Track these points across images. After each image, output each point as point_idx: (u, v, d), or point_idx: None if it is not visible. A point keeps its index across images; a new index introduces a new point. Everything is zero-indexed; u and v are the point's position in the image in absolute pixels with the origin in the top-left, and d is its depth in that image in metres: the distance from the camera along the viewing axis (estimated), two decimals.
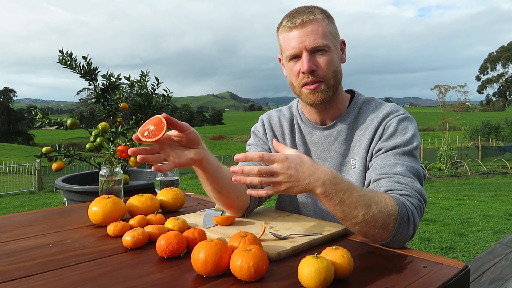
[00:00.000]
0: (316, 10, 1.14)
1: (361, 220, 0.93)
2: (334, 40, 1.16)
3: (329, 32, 1.14)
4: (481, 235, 4.71)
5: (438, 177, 10.89)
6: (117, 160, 1.69)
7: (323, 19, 1.14)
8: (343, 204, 0.91)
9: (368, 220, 0.93)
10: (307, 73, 1.13)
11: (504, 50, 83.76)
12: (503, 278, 2.41)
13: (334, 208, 0.93)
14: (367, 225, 0.93)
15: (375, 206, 0.93)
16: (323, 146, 1.25)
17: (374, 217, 0.93)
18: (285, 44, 1.16)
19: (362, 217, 0.92)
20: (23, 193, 10.86)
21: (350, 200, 0.91)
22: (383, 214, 0.93)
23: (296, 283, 0.76)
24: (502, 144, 23.76)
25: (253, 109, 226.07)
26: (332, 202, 0.92)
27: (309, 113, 1.27)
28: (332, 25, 1.17)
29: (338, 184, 0.91)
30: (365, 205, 0.92)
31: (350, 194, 0.92)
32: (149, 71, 2.28)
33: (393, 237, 0.96)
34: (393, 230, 0.95)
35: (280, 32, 1.18)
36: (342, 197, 0.91)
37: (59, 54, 2.15)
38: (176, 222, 1.08)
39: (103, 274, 0.82)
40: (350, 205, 0.92)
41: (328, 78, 1.15)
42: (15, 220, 1.28)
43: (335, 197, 0.91)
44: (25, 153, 31.62)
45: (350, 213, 0.92)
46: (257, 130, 1.37)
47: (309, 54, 1.12)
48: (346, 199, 0.91)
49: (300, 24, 1.12)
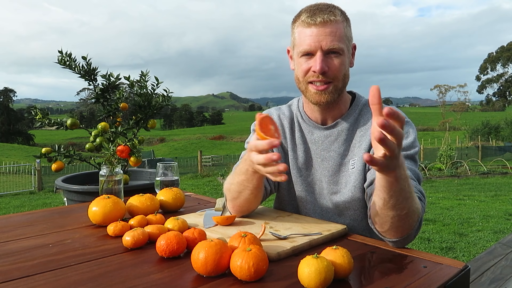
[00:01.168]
0: (337, 11, 1.13)
1: (405, 212, 0.91)
2: (348, 44, 1.16)
3: (345, 36, 1.14)
4: (481, 235, 4.71)
5: (438, 177, 10.89)
6: (117, 160, 1.69)
7: (343, 22, 1.13)
8: (402, 192, 0.87)
9: (407, 214, 0.91)
10: (318, 73, 1.12)
11: (504, 50, 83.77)
12: (503, 278, 2.40)
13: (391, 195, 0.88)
14: (405, 218, 0.92)
15: (417, 202, 0.93)
16: (323, 145, 1.25)
17: (413, 212, 0.92)
18: (300, 39, 1.14)
19: (408, 209, 0.91)
20: (23, 193, 10.86)
21: (408, 190, 0.88)
22: (417, 211, 0.94)
23: (296, 283, 0.76)
24: (502, 144, 23.77)
25: (253, 109, 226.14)
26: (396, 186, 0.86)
27: (311, 112, 1.27)
28: (349, 29, 1.17)
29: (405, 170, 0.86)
30: (413, 199, 0.91)
31: (409, 184, 0.88)
32: (149, 71, 2.28)
33: (408, 235, 0.96)
34: (411, 229, 0.96)
35: (297, 25, 1.16)
36: (404, 185, 0.87)
37: (58, 54, 2.15)
38: (176, 222, 1.08)
39: (103, 274, 0.82)
40: (405, 195, 0.88)
41: (337, 81, 1.15)
42: (15, 220, 1.28)
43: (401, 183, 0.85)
44: (25, 153, 31.63)
45: (401, 204, 0.89)
46: None
47: (323, 55, 1.11)
48: (407, 188, 0.88)
49: (320, 22, 1.10)
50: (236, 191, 1.12)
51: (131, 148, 1.96)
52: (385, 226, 0.97)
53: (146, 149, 18.47)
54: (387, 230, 0.97)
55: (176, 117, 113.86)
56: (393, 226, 0.95)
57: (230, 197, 1.16)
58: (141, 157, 2.02)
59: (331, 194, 1.24)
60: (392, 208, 0.90)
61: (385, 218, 0.94)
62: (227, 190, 1.17)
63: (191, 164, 17.40)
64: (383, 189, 0.89)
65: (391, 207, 0.91)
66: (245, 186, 1.09)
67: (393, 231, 0.96)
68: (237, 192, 1.12)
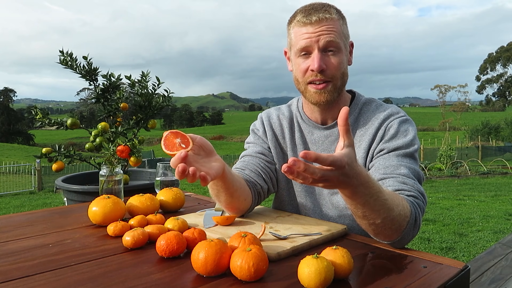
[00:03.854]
0: (332, 9, 1.14)
1: (380, 221, 0.91)
2: (345, 41, 1.16)
3: (342, 33, 1.14)
4: (481, 235, 4.71)
5: (438, 177, 10.89)
6: (117, 160, 1.69)
7: (338, 19, 1.14)
8: (366, 205, 0.88)
9: (386, 223, 0.91)
10: (316, 72, 1.12)
11: (504, 51, 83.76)
12: (503, 278, 2.40)
13: (356, 208, 0.89)
14: (383, 226, 0.92)
15: (396, 209, 0.91)
16: (323, 145, 1.25)
17: (393, 220, 0.91)
18: (296, 39, 1.15)
19: (382, 219, 0.90)
20: (23, 193, 10.85)
21: (374, 203, 0.88)
22: (401, 217, 0.93)
23: (296, 283, 0.76)
24: (502, 144, 23.77)
25: (253, 109, 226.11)
26: (356, 201, 0.87)
27: (311, 112, 1.27)
28: (345, 27, 1.17)
29: (369, 188, 0.85)
30: (388, 209, 0.90)
31: (376, 198, 0.87)
32: (149, 71, 2.28)
33: (401, 238, 0.96)
34: (403, 232, 0.95)
35: (293, 26, 1.16)
36: (369, 200, 0.86)
37: (59, 54, 2.15)
38: (176, 222, 1.08)
39: (103, 274, 0.82)
40: (373, 208, 0.88)
41: (336, 79, 1.15)
42: (15, 220, 1.28)
43: (361, 199, 0.86)
44: (25, 153, 31.63)
45: (370, 215, 0.89)
46: (256, 128, 1.37)
47: (320, 53, 1.12)
48: (371, 201, 0.87)
49: (316, 21, 1.11)
50: (213, 194, 1.12)
51: (131, 148, 1.96)
52: (369, 232, 0.97)
53: (146, 149, 18.46)
54: (374, 235, 0.98)
55: (176, 117, 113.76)
56: (375, 232, 0.95)
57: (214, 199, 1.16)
58: (141, 157, 2.02)
59: (331, 194, 1.24)
60: (363, 218, 0.91)
61: (363, 225, 0.95)
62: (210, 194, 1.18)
63: None
64: (346, 200, 0.89)
65: (361, 217, 0.91)
66: (216, 190, 1.08)
67: (380, 236, 0.96)
68: (214, 196, 1.12)
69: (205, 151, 0.98)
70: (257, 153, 1.31)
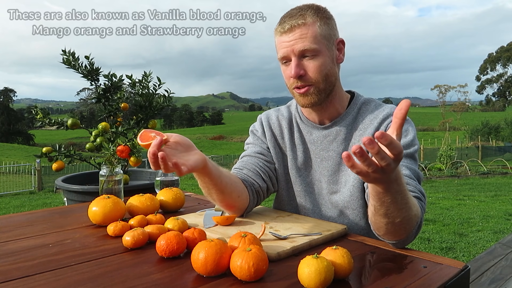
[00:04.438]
0: (308, 13, 1.13)
1: (399, 220, 0.90)
2: (327, 42, 1.14)
3: (320, 35, 1.12)
4: (481, 235, 4.71)
5: (438, 177, 10.89)
6: (117, 160, 1.69)
7: (314, 22, 1.12)
8: (393, 203, 0.86)
9: (403, 222, 0.91)
10: (294, 78, 1.14)
11: (504, 51, 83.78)
12: (503, 278, 2.41)
13: (382, 205, 0.87)
14: (400, 225, 0.91)
15: (414, 209, 0.91)
16: (322, 145, 1.25)
17: (409, 220, 0.91)
18: (278, 48, 1.18)
19: (402, 219, 0.89)
20: (23, 193, 10.86)
21: (401, 201, 0.86)
22: (415, 217, 0.93)
23: (296, 283, 0.76)
24: (502, 144, 23.77)
25: (253, 109, 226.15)
26: (385, 197, 0.84)
27: (308, 113, 1.28)
28: (326, 27, 1.14)
29: (401, 184, 0.84)
30: (409, 208, 0.89)
31: (403, 196, 0.86)
32: (151, 72, 2.28)
33: (406, 238, 0.96)
34: (410, 233, 0.95)
35: (275, 34, 1.20)
36: (397, 197, 0.85)
37: (62, 53, 2.15)
38: (176, 222, 1.08)
39: (103, 274, 0.82)
40: (399, 206, 0.87)
41: (317, 82, 1.14)
42: (15, 220, 1.28)
43: (392, 196, 0.84)
44: (25, 153, 31.64)
45: (393, 213, 0.88)
46: (255, 129, 1.37)
47: (297, 59, 1.13)
48: (400, 199, 0.86)
49: (288, 29, 1.12)
50: (205, 193, 1.13)
51: (131, 148, 1.96)
52: (381, 231, 0.97)
53: (146, 149, 18.44)
54: (384, 234, 0.97)
55: (176, 117, 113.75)
56: (388, 231, 0.95)
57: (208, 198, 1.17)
58: (141, 157, 2.02)
59: (330, 193, 1.24)
60: (384, 216, 0.90)
61: (379, 224, 0.94)
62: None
63: None
64: (373, 197, 0.88)
65: (382, 215, 0.90)
66: (206, 187, 1.09)
67: (390, 235, 0.96)
68: (207, 194, 1.13)
69: (182, 146, 0.98)
70: (256, 153, 1.31)
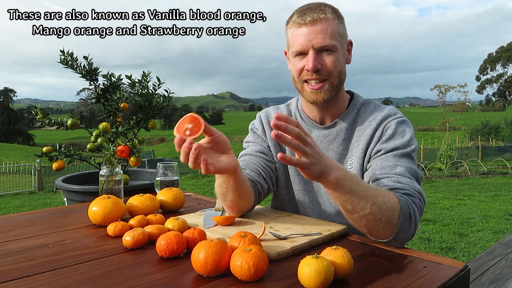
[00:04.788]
0: (327, 9, 1.14)
1: (368, 212, 0.92)
2: (342, 40, 1.16)
3: (337, 33, 1.14)
4: (481, 235, 4.71)
5: (438, 177, 10.89)
6: (117, 160, 1.69)
7: (334, 19, 1.14)
8: (352, 194, 0.91)
9: (375, 213, 0.92)
10: (311, 71, 1.13)
11: (504, 50, 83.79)
12: (503, 278, 2.41)
13: (344, 199, 0.92)
14: (374, 217, 0.93)
15: (380, 198, 0.93)
16: (321, 145, 1.25)
17: (380, 209, 0.93)
18: (293, 40, 1.16)
19: (370, 208, 0.92)
20: (23, 193, 10.86)
21: (358, 189, 0.91)
22: (388, 207, 0.94)
23: (296, 283, 0.76)
24: (502, 144, 23.77)
25: (253, 109, 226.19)
26: (342, 190, 0.90)
27: (310, 110, 1.28)
28: (342, 26, 1.17)
29: (347, 173, 0.92)
30: (372, 196, 0.92)
31: (357, 184, 0.92)
32: (150, 71, 2.28)
33: (396, 234, 0.96)
34: (396, 227, 0.95)
35: (289, 26, 1.18)
36: (351, 185, 0.90)
37: (60, 54, 2.15)
38: (176, 222, 1.08)
39: (103, 274, 0.82)
40: (358, 195, 0.91)
41: (332, 77, 1.15)
42: (15, 220, 1.28)
43: (346, 185, 0.90)
44: (25, 153, 31.64)
45: (358, 204, 0.91)
46: (255, 127, 1.37)
47: (315, 53, 1.12)
48: (355, 187, 0.91)
49: (310, 21, 1.12)
50: (220, 193, 1.13)
51: (131, 148, 1.96)
52: (363, 229, 0.98)
53: (146, 149, 18.46)
54: (370, 234, 0.99)
55: (176, 117, 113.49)
56: (369, 228, 0.96)
57: (219, 198, 1.17)
58: (141, 157, 2.02)
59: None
60: (353, 210, 0.93)
61: (355, 222, 0.96)
62: (215, 192, 1.18)
63: None
64: (333, 197, 0.92)
65: (351, 210, 0.93)
66: (225, 188, 1.09)
67: (375, 233, 0.97)
68: (221, 194, 1.13)
69: (219, 147, 0.99)
70: (257, 152, 1.31)
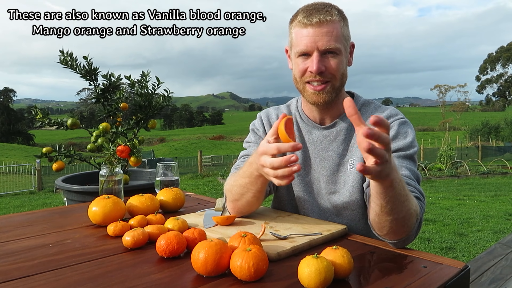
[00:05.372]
0: (334, 10, 1.13)
1: (401, 216, 0.91)
2: (346, 43, 1.16)
3: (342, 35, 1.13)
4: (481, 235, 4.71)
5: (438, 177, 10.89)
6: (117, 160, 1.69)
7: (339, 21, 1.13)
8: (396, 197, 0.87)
9: (405, 218, 0.91)
10: (315, 74, 1.12)
11: (504, 51, 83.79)
12: (503, 278, 2.40)
13: (388, 200, 0.87)
14: (402, 222, 0.92)
15: (413, 203, 0.93)
16: (321, 145, 1.25)
17: (410, 216, 0.92)
18: (297, 40, 1.15)
19: (404, 213, 0.90)
20: (23, 193, 10.86)
21: (402, 193, 0.88)
22: (415, 212, 0.94)
23: (296, 283, 0.76)
24: (502, 144, 23.78)
25: (253, 109, 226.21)
26: (391, 192, 0.86)
27: (310, 111, 1.28)
28: (346, 28, 1.16)
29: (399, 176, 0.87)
30: (408, 202, 0.90)
31: (403, 188, 0.88)
32: (150, 71, 2.28)
33: (407, 237, 0.96)
34: (411, 230, 0.95)
35: (294, 25, 1.16)
36: (400, 189, 0.87)
37: (60, 54, 2.15)
38: (176, 222, 1.08)
39: (103, 274, 0.82)
40: (400, 199, 0.88)
41: (335, 80, 1.15)
42: (15, 220, 1.28)
43: (396, 188, 0.85)
44: (25, 153, 31.65)
45: (396, 207, 0.89)
46: (256, 128, 1.37)
47: (320, 55, 1.11)
48: (401, 192, 0.87)
49: (316, 23, 1.10)
50: (239, 193, 1.12)
51: (131, 148, 1.96)
52: (384, 230, 0.97)
53: (146, 149, 18.47)
54: (386, 234, 0.97)
55: (176, 117, 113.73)
56: (392, 230, 0.95)
57: (231, 198, 1.16)
58: (141, 157, 2.02)
59: (329, 194, 1.24)
60: (390, 213, 0.91)
61: (384, 223, 0.95)
62: (228, 191, 1.17)
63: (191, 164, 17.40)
64: (379, 195, 0.89)
65: (388, 212, 0.91)
66: (248, 189, 1.09)
67: (392, 234, 0.96)
68: (239, 194, 1.12)
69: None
70: None
